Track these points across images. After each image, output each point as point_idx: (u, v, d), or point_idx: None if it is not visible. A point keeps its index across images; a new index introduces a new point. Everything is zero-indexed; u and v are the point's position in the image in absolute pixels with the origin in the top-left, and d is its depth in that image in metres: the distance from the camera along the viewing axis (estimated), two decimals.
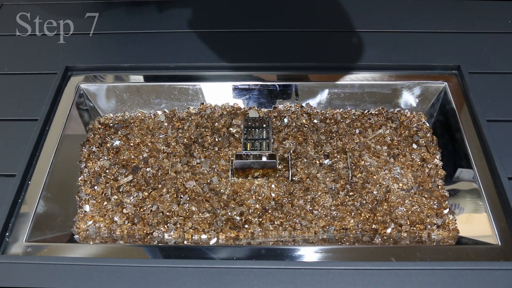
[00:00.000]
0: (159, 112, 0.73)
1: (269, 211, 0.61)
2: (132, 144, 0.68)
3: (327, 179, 0.64)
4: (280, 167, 0.65)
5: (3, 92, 0.71)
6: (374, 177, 0.64)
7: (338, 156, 0.67)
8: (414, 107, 0.73)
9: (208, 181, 0.64)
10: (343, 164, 0.66)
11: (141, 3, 0.84)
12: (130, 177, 0.64)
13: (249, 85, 0.72)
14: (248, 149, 0.64)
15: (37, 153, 0.63)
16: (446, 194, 0.62)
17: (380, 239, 0.57)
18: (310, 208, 0.61)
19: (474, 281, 0.49)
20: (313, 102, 0.73)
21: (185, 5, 0.85)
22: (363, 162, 0.66)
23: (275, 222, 0.59)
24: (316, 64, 0.73)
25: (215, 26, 0.81)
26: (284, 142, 0.68)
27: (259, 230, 0.59)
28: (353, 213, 0.60)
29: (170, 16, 0.82)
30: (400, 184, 0.63)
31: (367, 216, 0.60)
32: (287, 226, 0.59)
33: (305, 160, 0.66)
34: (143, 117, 0.72)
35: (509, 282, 0.49)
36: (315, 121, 0.71)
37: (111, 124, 0.71)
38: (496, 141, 0.62)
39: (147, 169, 0.65)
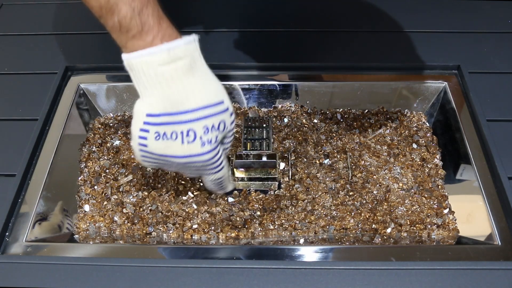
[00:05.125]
0: None
1: (269, 211, 0.61)
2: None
3: (327, 179, 0.64)
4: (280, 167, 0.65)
5: (3, 92, 0.71)
6: (374, 177, 0.64)
7: (338, 156, 0.67)
8: (414, 107, 0.73)
9: None
10: (343, 164, 0.66)
11: None
12: (130, 177, 0.64)
13: (249, 84, 0.72)
14: (248, 148, 0.64)
15: (37, 153, 0.63)
16: (446, 194, 0.62)
17: (380, 239, 0.57)
18: (310, 208, 0.61)
19: (474, 281, 0.49)
20: (313, 102, 0.73)
21: (185, 5, 0.85)
22: (363, 162, 0.66)
23: (275, 222, 0.59)
24: (316, 64, 0.74)
25: (215, 26, 0.81)
26: (284, 142, 0.68)
27: (259, 230, 0.59)
28: (353, 213, 0.60)
29: (170, 16, 0.82)
30: (400, 184, 0.63)
31: (367, 216, 0.60)
32: (287, 226, 0.59)
33: (305, 160, 0.66)
34: None
35: (509, 282, 0.49)
36: (315, 121, 0.71)
37: (111, 124, 0.71)
38: (496, 141, 0.62)
39: (147, 169, 0.65)
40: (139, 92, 0.46)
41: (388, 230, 0.58)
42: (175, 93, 0.44)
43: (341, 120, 0.72)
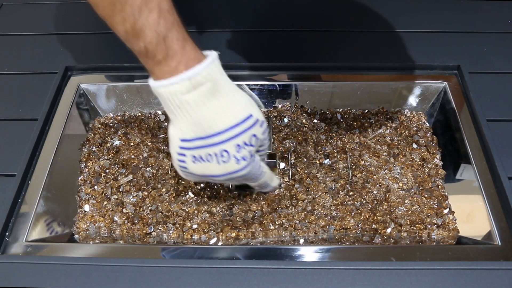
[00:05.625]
0: (159, 112, 0.73)
1: (269, 211, 0.61)
2: (132, 144, 0.68)
3: (327, 179, 0.64)
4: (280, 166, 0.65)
5: (3, 92, 0.71)
6: (374, 177, 0.64)
7: (338, 156, 0.67)
8: (414, 107, 0.73)
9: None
10: (343, 164, 0.66)
11: None
12: (130, 177, 0.64)
13: (249, 84, 0.72)
14: None
15: (37, 153, 0.63)
16: (446, 194, 0.62)
17: (380, 239, 0.57)
18: (310, 208, 0.61)
19: (474, 281, 0.49)
20: (313, 102, 0.73)
21: (185, 5, 0.85)
22: (363, 162, 0.66)
23: (276, 222, 0.59)
24: (316, 64, 0.73)
25: (215, 26, 0.81)
26: (284, 142, 0.68)
27: (259, 230, 0.59)
28: (353, 213, 0.60)
29: None
30: (400, 184, 0.63)
31: (367, 216, 0.60)
32: (287, 226, 0.59)
33: (305, 160, 0.66)
34: (143, 117, 0.72)
35: (509, 282, 0.49)
36: (315, 121, 0.71)
37: (111, 124, 0.71)
38: (496, 141, 0.62)
39: (147, 169, 0.65)
40: (170, 117, 0.47)
41: (388, 230, 0.58)
42: (202, 118, 0.45)
43: (341, 120, 0.72)
